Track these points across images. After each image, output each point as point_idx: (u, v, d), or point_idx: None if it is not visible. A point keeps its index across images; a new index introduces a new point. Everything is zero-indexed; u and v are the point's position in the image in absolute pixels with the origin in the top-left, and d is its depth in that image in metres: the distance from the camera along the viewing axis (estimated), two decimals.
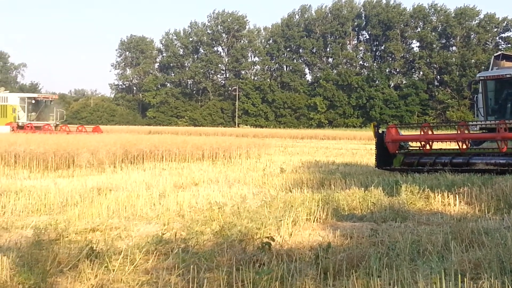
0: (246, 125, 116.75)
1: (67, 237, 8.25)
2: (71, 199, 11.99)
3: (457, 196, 12.20)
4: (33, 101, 48.17)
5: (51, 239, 7.76)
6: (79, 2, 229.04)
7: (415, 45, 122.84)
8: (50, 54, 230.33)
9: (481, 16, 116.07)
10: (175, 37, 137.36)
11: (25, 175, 18.39)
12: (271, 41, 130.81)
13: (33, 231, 8.24)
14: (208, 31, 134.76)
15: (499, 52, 23.63)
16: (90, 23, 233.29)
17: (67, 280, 6.22)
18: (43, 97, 50.28)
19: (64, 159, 21.20)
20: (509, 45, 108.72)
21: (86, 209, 10.61)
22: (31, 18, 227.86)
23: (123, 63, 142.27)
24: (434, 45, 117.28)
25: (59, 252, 7.02)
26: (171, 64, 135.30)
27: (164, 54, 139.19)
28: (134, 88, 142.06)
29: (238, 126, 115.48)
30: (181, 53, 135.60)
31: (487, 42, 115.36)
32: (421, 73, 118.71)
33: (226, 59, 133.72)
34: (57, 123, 48.04)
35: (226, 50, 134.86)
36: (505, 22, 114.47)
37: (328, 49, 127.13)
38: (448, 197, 12.20)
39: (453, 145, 19.19)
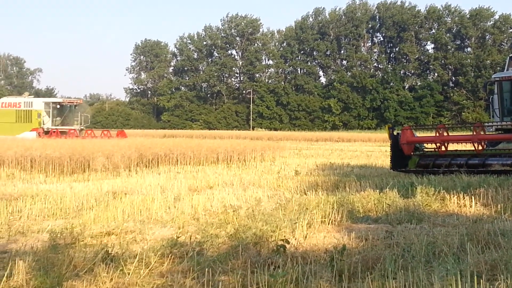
0: (261, 128, 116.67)
1: (82, 241, 8.30)
2: (86, 203, 12.06)
3: (473, 197, 12.13)
4: (58, 106, 47.42)
5: (66, 243, 7.81)
6: (94, 7, 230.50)
7: (429, 46, 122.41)
8: (65, 59, 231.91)
9: (496, 17, 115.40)
10: (189, 41, 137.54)
11: (41, 179, 18.51)
12: (285, 44, 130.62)
13: (49, 235, 8.29)
14: (222, 34, 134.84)
15: None
16: (105, 27, 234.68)
17: (83, 283, 6.26)
18: (68, 102, 49.34)
19: (79, 163, 21.32)
20: None
21: (102, 213, 10.65)
22: (46, 23, 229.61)
23: (138, 67, 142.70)
24: (449, 46, 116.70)
25: (75, 256, 7.06)
26: (186, 68, 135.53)
27: (178, 58, 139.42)
28: (149, 92, 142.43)
29: (252, 129, 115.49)
30: (195, 56, 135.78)
31: (503, 43, 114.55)
32: (436, 74, 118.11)
33: (240, 62, 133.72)
34: (82, 127, 47.24)
35: (240, 53, 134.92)
36: None
37: (342, 51, 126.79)
38: (464, 198, 12.14)
39: (468, 146, 19.08)
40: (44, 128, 45.53)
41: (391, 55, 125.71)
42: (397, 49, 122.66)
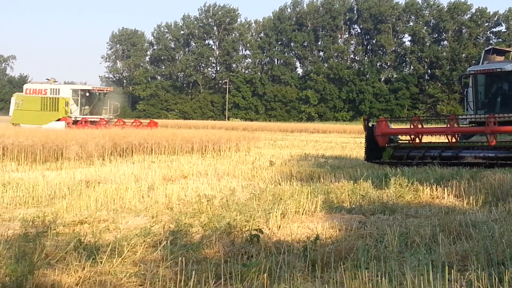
0: (236, 118, 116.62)
1: (55, 229, 8.21)
2: (59, 192, 11.96)
3: (445, 189, 12.26)
4: (87, 94, 44.59)
5: (38, 232, 7.71)
6: None
7: (406, 39, 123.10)
8: (40, 46, 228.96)
9: (473, 10, 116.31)
10: (166, 30, 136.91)
11: (13, 167, 18.31)
12: (262, 35, 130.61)
13: (21, 224, 8.21)
14: (199, 24, 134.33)
15: (490, 47, 23.70)
16: (82, 14, 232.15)
17: (55, 272, 6.19)
18: (98, 90, 46.34)
19: (52, 152, 21.13)
20: (500, 40, 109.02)
21: (74, 201, 10.56)
22: (21, 10, 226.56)
23: (114, 56, 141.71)
24: (426, 39, 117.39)
25: (47, 245, 6.99)
26: (162, 57, 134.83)
27: (155, 47, 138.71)
28: (125, 81, 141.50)
29: (228, 119, 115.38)
30: (172, 46, 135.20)
31: (478, 37, 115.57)
32: (411, 67, 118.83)
33: (217, 52, 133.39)
34: (111, 117, 44.83)
35: (217, 43, 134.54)
36: (496, 17, 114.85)
37: (319, 43, 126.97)
38: (437, 190, 12.26)
39: (442, 139, 19.24)
40: (73, 118, 42.89)
41: (368, 47, 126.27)
42: (374, 41, 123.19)
